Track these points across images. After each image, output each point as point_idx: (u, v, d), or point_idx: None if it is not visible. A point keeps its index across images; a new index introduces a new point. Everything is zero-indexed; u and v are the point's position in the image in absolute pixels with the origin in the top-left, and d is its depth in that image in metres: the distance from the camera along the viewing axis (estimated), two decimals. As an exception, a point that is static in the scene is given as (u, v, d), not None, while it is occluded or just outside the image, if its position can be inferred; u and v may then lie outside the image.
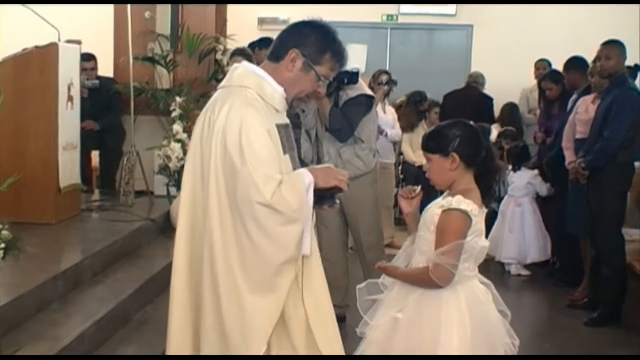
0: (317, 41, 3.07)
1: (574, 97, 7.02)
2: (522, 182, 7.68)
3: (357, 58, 5.76)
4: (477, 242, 3.35)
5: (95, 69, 8.50)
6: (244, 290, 2.89)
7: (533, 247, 7.73)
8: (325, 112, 5.53)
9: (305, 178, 2.98)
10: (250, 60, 6.48)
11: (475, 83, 9.74)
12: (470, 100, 9.26)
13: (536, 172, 7.67)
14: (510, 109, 9.40)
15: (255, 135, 2.90)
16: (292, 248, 2.92)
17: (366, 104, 5.71)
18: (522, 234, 7.70)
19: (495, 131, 8.53)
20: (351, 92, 5.62)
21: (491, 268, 7.82)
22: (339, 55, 3.11)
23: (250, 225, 2.87)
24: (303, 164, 5.88)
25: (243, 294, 2.89)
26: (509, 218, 7.72)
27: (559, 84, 7.55)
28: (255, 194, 2.85)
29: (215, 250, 2.92)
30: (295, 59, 3.05)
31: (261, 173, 2.87)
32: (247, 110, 2.95)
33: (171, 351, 3.12)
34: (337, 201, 3.22)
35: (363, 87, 5.78)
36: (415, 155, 9.71)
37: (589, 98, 6.57)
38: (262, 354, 2.93)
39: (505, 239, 7.71)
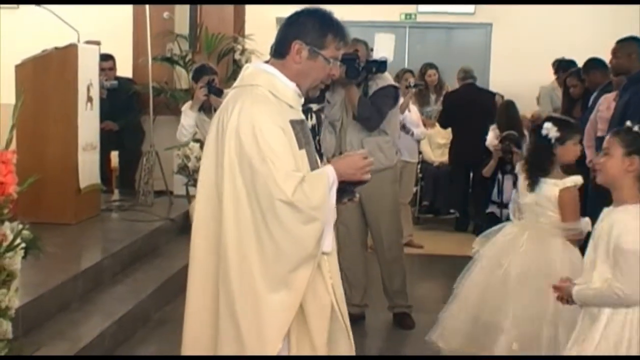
0: (315, 26, 3.05)
1: (595, 94, 6.96)
2: None
3: (384, 47, 5.77)
4: None
5: (113, 68, 8.53)
6: (260, 289, 2.88)
7: None
8: (354, 101, 5.52)
9: (330, 175, 2.98)
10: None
11: (471, 78, 9.63)
12: (477, 98, 9.17)
13: None
14: (507, 108, 9.12)
15: (269, 131, 2.90)
16: (312, 246, 2.91)
17: (394, 95, 5.70)
18: None
19: (491, 132, 8.45)
20: (380, 82, 5.61)
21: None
22: (340, 33, 3.09)
23: (271, 223, 2.86)
24: (322, 157, 5.92)
25: (259, 292, 2.88)
26: None
27: (584, 82, 7.48)
28: (276, 191, 2.84)
29: (230, 248, 2.91)
30: (300, 50, 3.04)
31: (281, 170, 2.87)
32: (258, 107, 2.94)
33: (186, 349, 3.11)
34: (357, 195, 3.22)
35: (390, 78, 5.78)
36: (434, 154, 9.70)
37: (611, 96, 6.52)
38: (276, 353, 2.91)
39: None
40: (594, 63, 7.23)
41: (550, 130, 4.33)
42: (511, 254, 4.37)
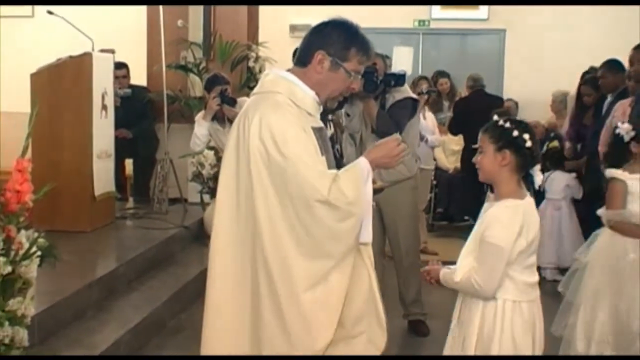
0: (340, 38, 3.07)
1: (609, 99, 6.92)
2: (560, 185, 7.58)
3: (403, 60, 5.77)
4: None
5: (127, 76, 8.56)
6: (300, 289, 2.91)
7: (571, 252, 7.61)
8: (372, 114, 5.51)
9: (364, 168, 3.02)
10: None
11: (480, 85, 9.62)
12: (486, 104, 9.09)
13: (573, 175, 7.56)
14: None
15: (293, 134, 2.92)
16: (351, 241, 2.97)
17: (412, 107, 5.69)
18: (560, 238, 7.60)
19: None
20: (397, 95, 5.60)
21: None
22: (364, 47, 3.11)
23: (309, 223, 2.89)
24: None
25: (299, 294, 2.91)
26: (547, 222, 7.61)
27: (598, 91, 7.40)
28: (312, 192, 2.87)
29: (269, 252, 2.92)
30: (322, 60, 3.05)
31: (313, 170, 2.90)
32: (279, 113, 2.96)
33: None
34: (372, 203, 3.24)
35: (408, 90, 5.77)
36: (448, 161, 9.68)
37: (626, 102, 6.47)
38: (326, 344, 2.95)
39: (544, 244, 7.59)
40: (612, 64, 7.15)
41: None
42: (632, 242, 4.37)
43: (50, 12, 7.50)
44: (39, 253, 3.30)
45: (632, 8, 10.68)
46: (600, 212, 4.51)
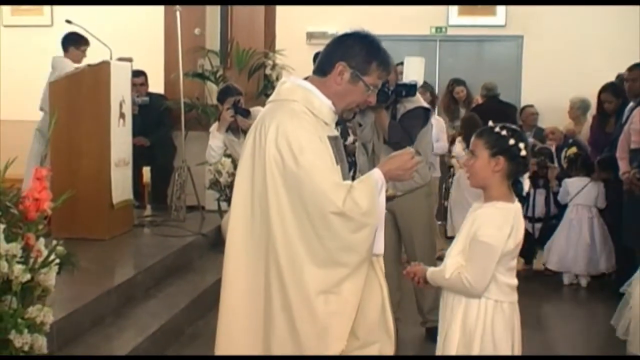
0: (362, 51, 3.07)
1: (630, 105, 6.86)
2: (591, 192, 7.52)
3: (414, 70, 5.74)
4: None
5: (144, 84, 8.60)
6: (312, 296, 2.91)
7: (602, 257, 7.55)
8: (384, 125, 5.51)
9: (377, 179, 3.03)
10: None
11: (494, 93, 9.58)
12: (499, 111, 9.06)
13: (601, 183, 7.48)
14: (469, 121, 8.92)
15: (309, 144, 2.92)
16: (365, 251, 2.97)
17: (423, 116, 5.68)
18: (593, 244, 7.54)
19: (458, 144, 8.40)
20: (408, 105, 5.60)
21: (543, 278, 7.74)
22: (385, 63, 3.12)
23: (323, 233, 2.89)
24: (358, 177, 5.91)
25: (312, 301, 2.91)
26: (579, 229, 7.55)
27: (619, 97, 7.34)
28: (327, 204, 2.88)
29: (283, 259, 2.93)
30: (342, 72, 3.06)
31: (328, 181, 2.91)
32: (296, 122, 2.96)
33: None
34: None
35: (420, 99, 5.76)
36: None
37: (646, 108, 6.45)
38: (339, 352, 2.95)
39: (579, 250, 7.54)
40: (638, 68, 7.07)
41: None
42: None
43: (69, 22, 7.57)
44: (57, 261, 3.32)
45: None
46: None
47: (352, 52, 3.06)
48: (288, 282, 2.93)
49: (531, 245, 7.78)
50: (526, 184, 3.32)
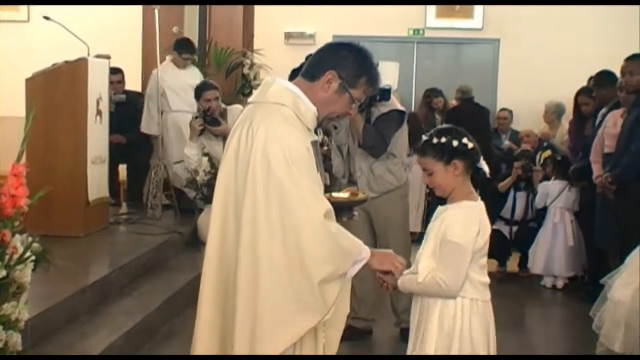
0: (355, 64, 3.07)
1: (603, 111, 6.94)
2: (570, 195, 7.58)
3: (389, 75, 5.77)
4: None
5: (122, 82, 8.56)
6: (287, 303, 2.89)
7: (578, 260, 7.62)
8: (359, 129, 5.54)
9: (363, 251, 3.04)
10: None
11: (469, 95, 9.64)
12: (474, 113, 9.13)
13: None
14: (410, 120, 8.98)
15: (298, 154, 2.90)
16: (345, 266, 2.98)
17: (398, 119, 5.72)
18: (574, 246, 7.60)
19: None
20: (383, 108, 5.63)
21: (517, 280, 7.80)
22: (374, 80, 3.13)
23: (290, 246, 2.86)
24: (333, 179, 5.93)
25: (287, 307, 2.89)
26: (567, 230, 7.60)
27: (596, 100, 7.41)
28: (308, 217, 2.86)
29: (262, 260, 2.89)
30: (331, 80, 3.05)
31: (311, 191, 2.89)
32: (287, 129, 2.94)
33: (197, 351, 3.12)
34: (355, 213, 3.30)
35: (395, 102, 5.80)
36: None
37: (618, 112, 6.52)
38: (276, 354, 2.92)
39: (562, 253, 7.59)
40: (604, 77, 7.17)
41: None
42: None
43: (46, 18, 7.52)
44: (33, 258, 3.31)
45: (625, 19, 10.73)
46: None
47: (345, 64, 3.06)
48: (262, 280, 2.88)
49: (506, 248, 7.84)
50: (485, 167, 3.36)
